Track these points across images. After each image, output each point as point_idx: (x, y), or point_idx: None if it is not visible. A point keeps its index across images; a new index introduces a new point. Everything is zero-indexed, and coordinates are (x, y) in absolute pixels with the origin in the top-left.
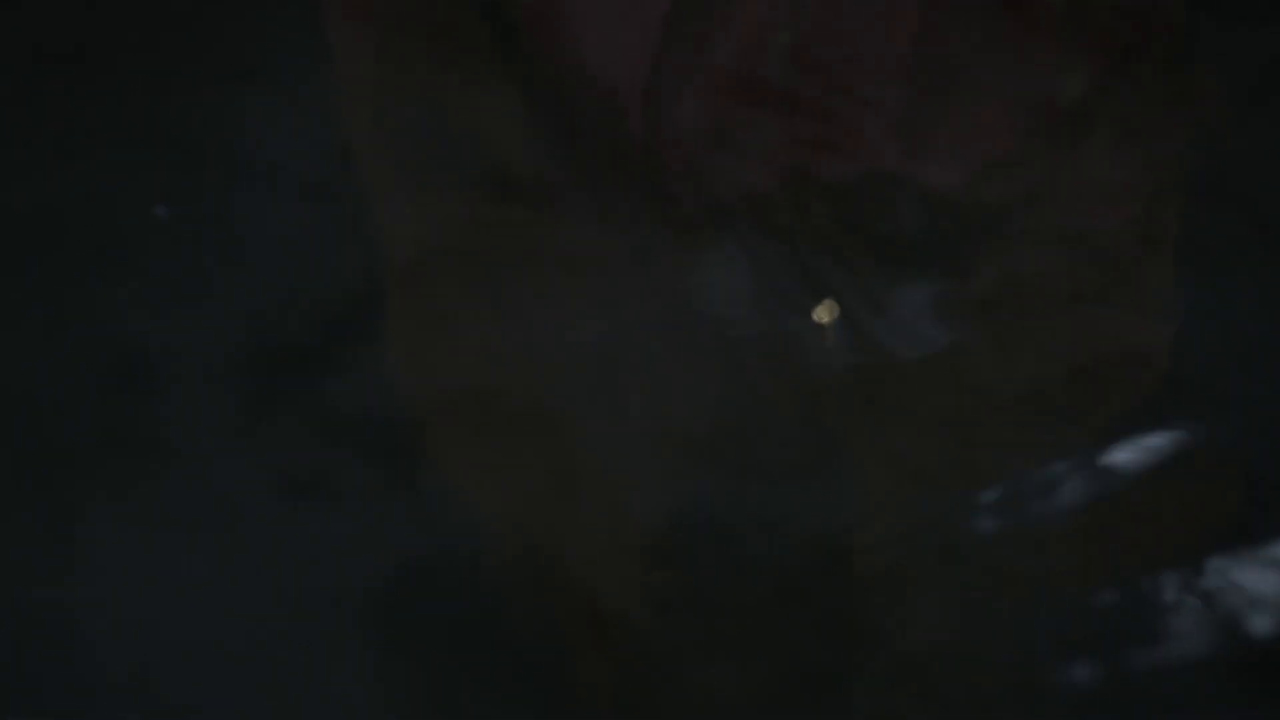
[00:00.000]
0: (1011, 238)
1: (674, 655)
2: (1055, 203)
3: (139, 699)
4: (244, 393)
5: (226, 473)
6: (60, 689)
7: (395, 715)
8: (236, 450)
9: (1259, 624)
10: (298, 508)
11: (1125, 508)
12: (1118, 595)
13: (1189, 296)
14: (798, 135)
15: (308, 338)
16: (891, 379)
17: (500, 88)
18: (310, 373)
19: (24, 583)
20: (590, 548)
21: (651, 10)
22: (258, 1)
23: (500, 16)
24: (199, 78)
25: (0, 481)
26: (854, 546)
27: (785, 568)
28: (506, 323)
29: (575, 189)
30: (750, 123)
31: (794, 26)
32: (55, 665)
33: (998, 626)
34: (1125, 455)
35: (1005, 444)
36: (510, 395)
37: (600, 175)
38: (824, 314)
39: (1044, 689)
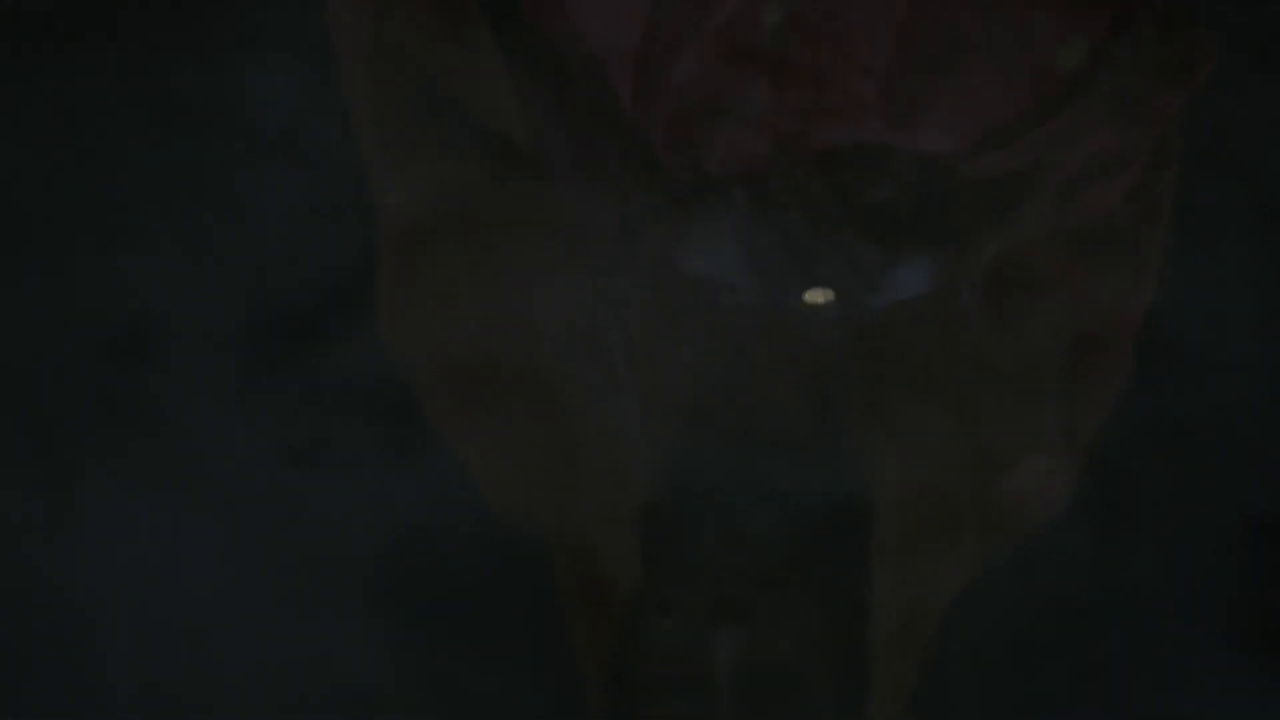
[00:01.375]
0: (1008, 207)
1: (673, 623)
2: (1052, 171)
3: (139, 665)
4: (244, 360)
5: (226, 440)
6: (59, 655)
7: (395, 680)
8: (236, 417)
9: (1263, 588)
10: (297, 475)
11: (1124, 475)
12: (1120, 561)
13: (1186, 264)
14: (792, 103)
15: (308, 305)
16: (890, 349)
17: (496, 56)
18: (310, 340)
19: (23, 549)
20: (589, 515)
21: None
22: None
23: None
24: (198, 45)
25: (0, 448)
26: (855, 516)
27: (785, 537)
28: (502, 291)
29: (569, 157)
30: (744, 91)
31: None
32: (54, 632)
33: (999, 593)
34: (1124, 424)
35: (1005, 414)
36: (507, 363)
37: (594, 143)
38: (818, 295)
39: (1045, 655)
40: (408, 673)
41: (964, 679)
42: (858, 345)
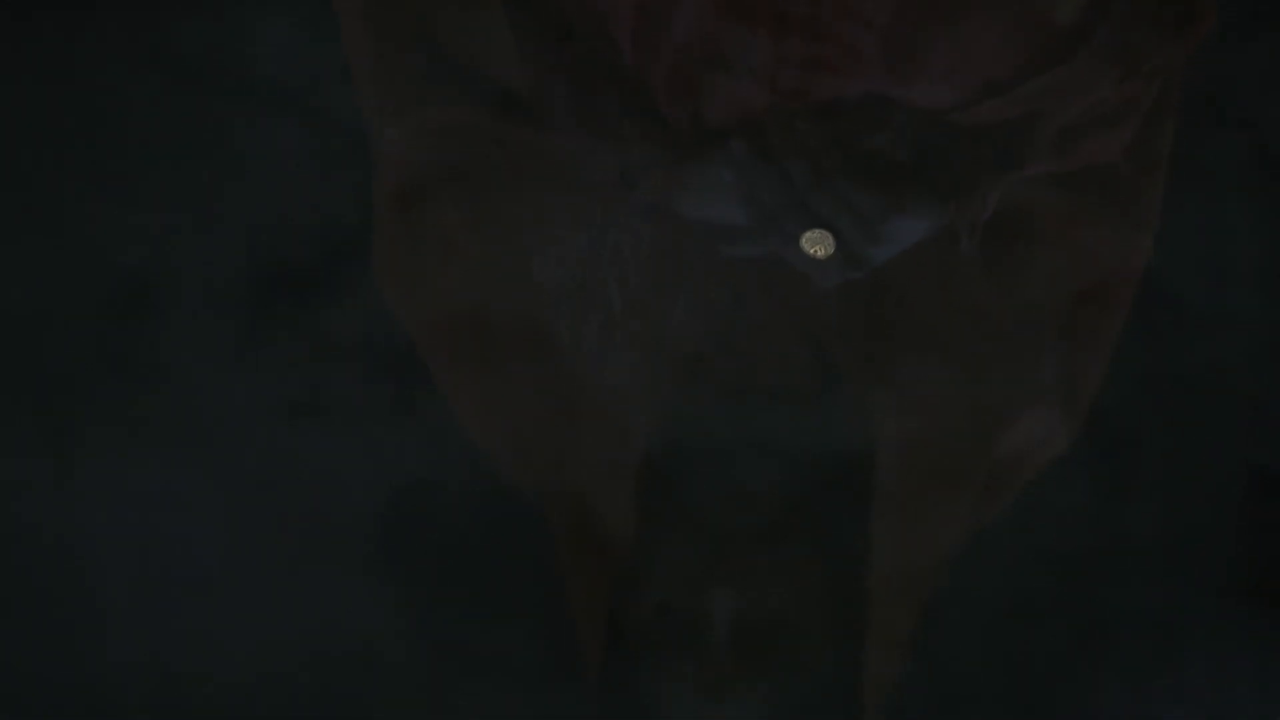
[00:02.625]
0: (1007, 159)
1: (670, 576)
2: (1051, 123)
3: (139, 619)
4: (244, 315)
5: (226, 395)
6: (61, 608)
7: (392, 634)
8: (236, 373)
9: (1261, 541)
10: (297, 430)
11: (1124, 429)
12: (1119, 514)
13: (1185, 217)
14: (791, 55)
15: (308, 260)
16: (889, 301)
17: (495, 6)
18: (310, 295)
19: (23, 504)
20: (586, 469)
21: None
22: None
23: None
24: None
25: (0, 403)
26: (853, 469)
27: (784, 489)
28: (500, 243)
29: (569, 108)
30: (744, 43)
31: None
32: (56, 584)
33: (999, 546)
34: (1124, 378)
35: (1003, 366)
36: (504, 316)
37: (594, 94)
38: (818, 247)
39: (1044, 607)
40: (405, 626)
41: (963, 631)
42: (857, 297)
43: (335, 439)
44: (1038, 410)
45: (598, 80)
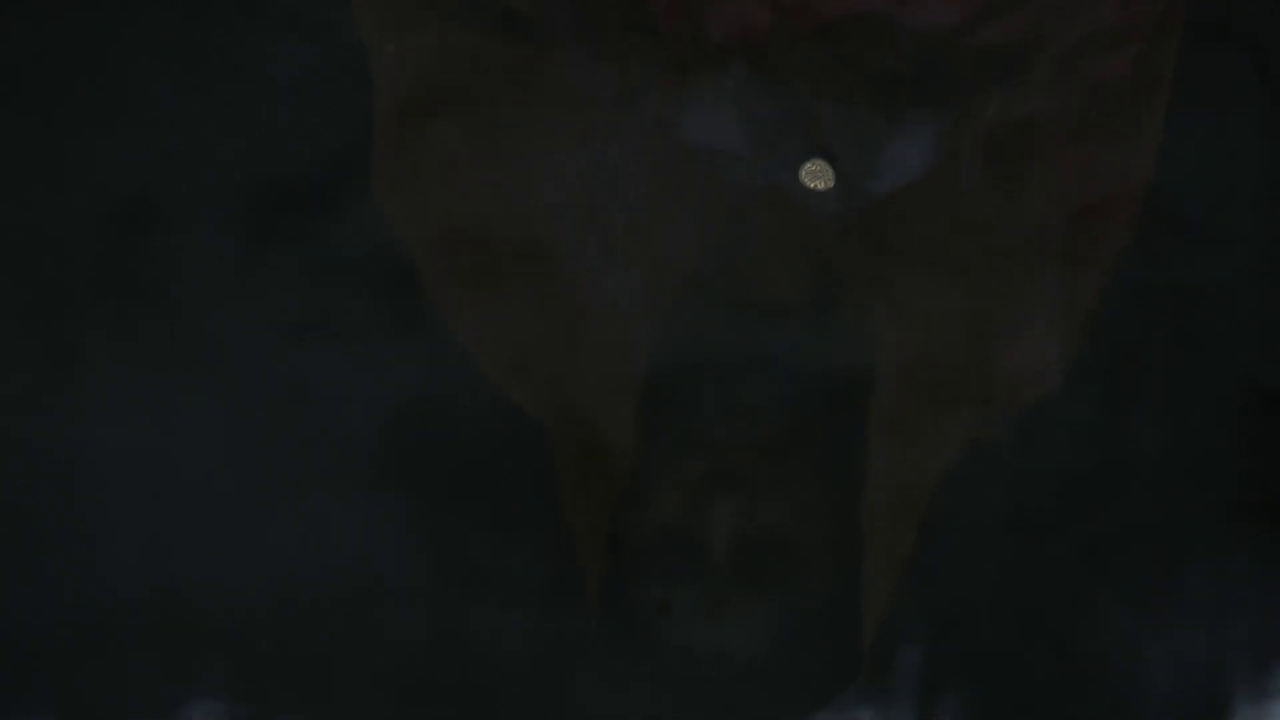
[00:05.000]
0: (1010, 78)
1: (671, 494)
2: (1054, 43)
3: (140, 535)
4: (245, 232)
5: (227, 312)
6: (59, 532)
7: (394, 550)
8: (237, 289)
9: (1265, 460)
10: (299, 346)
11: (1126, 347)
12: (1122, 433)
13: (1190, 136)
14: None
15: (310, 178)
16: (892, 220)
17: None
18: (313, 213)
19: (24, 424)
20: (586, 386)
21: None
22: None
23: None
24: None
25: (2, 319)
26: (853, 386)
27: (784, 407)
28: (500, 161)
29: (568, 24)
30: None
31: None
32: (56, 505)
33: (1000, 464)
34: (1127, 295)
35: (1005, 284)
36: (504, 234)
37: (594, 11)
38: (818, 182)
39: (1046, 526)
40: (406, 543)
41: (963, 548)
42: (858, 215)
43: (338, 356)
44: (1039, 328)
45: None
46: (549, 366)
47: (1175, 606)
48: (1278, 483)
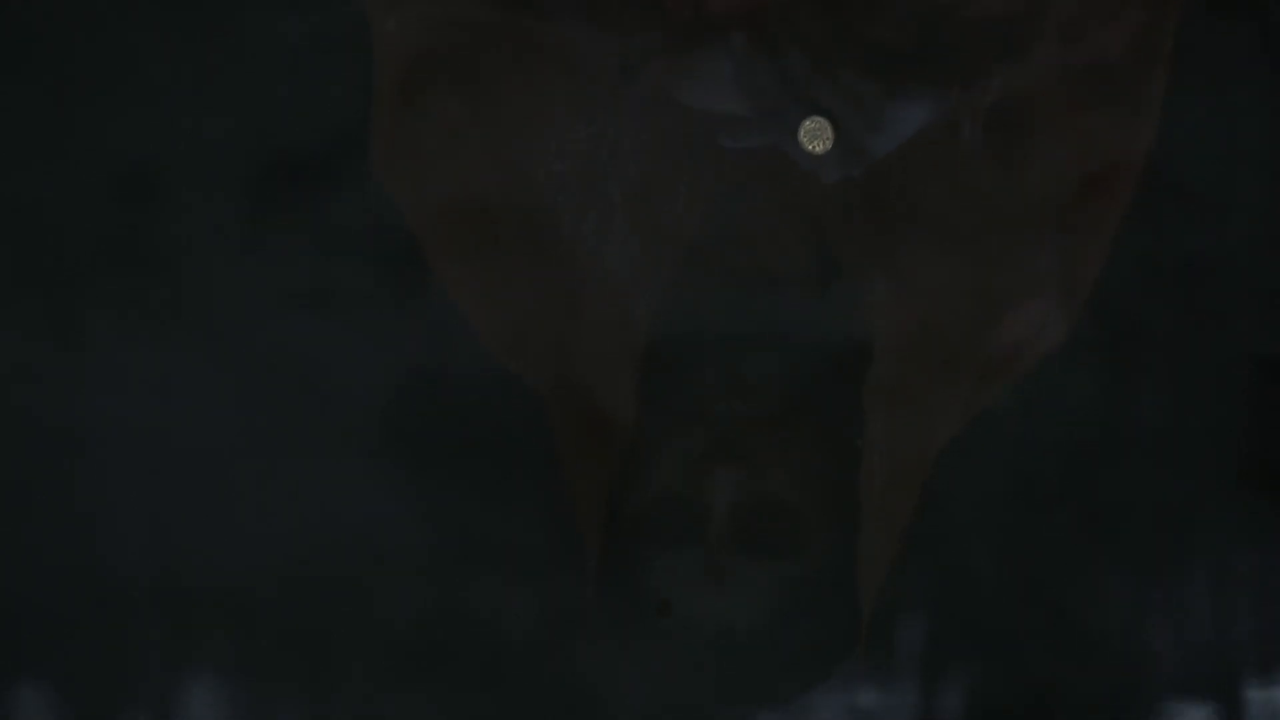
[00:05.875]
0: (1011, 47)
1: (670, 463)
2: (1055, 13)
3: (145, 503)
4: (249, 203)
5: (231, 282)
6: (66, 495)
7: (396, 519)
8: (241, 260)
9: (1266, 427)
10: (302, 317)
11: (1129, 316)
12: (1124, 401)
13: (1190, 104)
14: None
15: (313, 150)
16: (891, 189)
17: None
18: (316, 184)
19: (30, 390)
20: (587, 356)
21: None
22: None
23: None
24: None
25: (5, 292)
26: (853, 357)
27: (783, 377)
28: (501, 132)
29: None
30: None
31: None
32: (57, 477)
33: (1003, 433)
34: (1129, 265)
35: (1005, 254)
36: (505, 205)
37: None
38: (817, 142)
39: (1048, 494)
40: (408, 512)
41: (965, 518)
42: (858, 185)
43: (339, 328)
44: (1039, 297)
45: None
46: (549, 337)
47: (1177, 574)
48: (1278, 452)
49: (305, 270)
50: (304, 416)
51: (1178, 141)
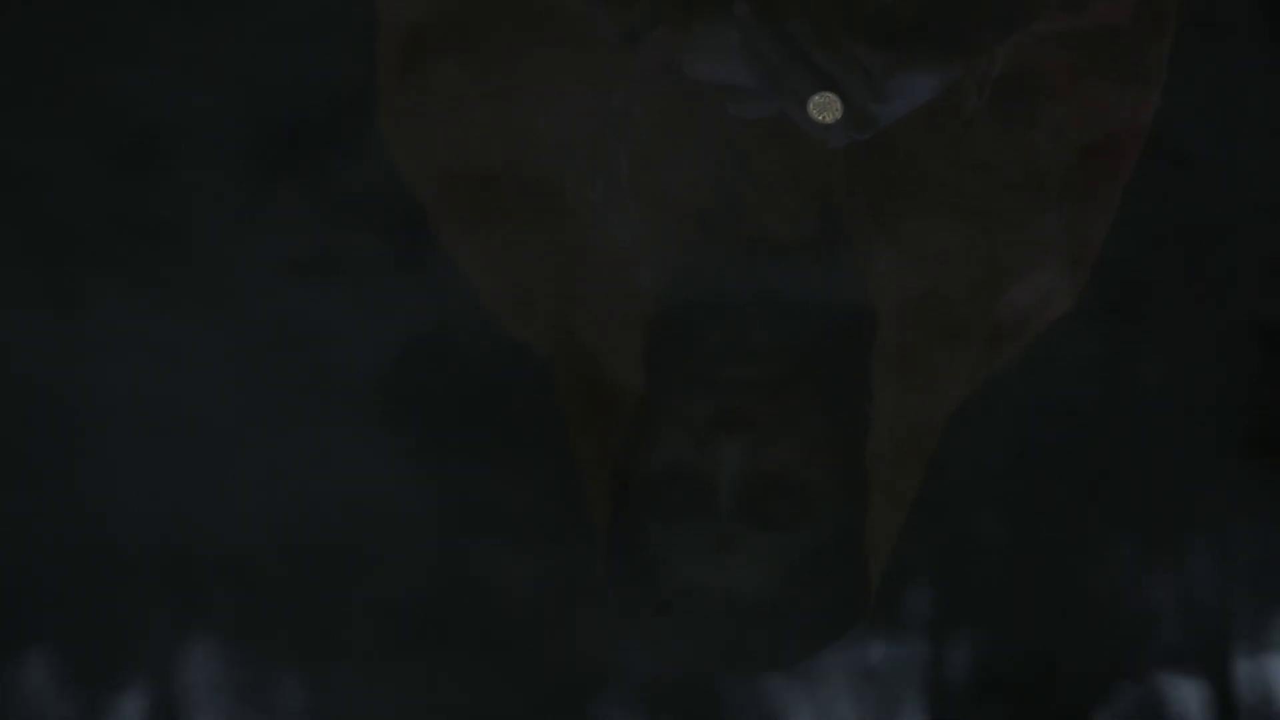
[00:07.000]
0: (1015, 15)
1: (676, 431)
2: None
3: (146, 472)
4: (251, 170)
5: (233, 250)
6: (65, 470)
7: (400, 487)
8: (243, 227)
9: (1269, 395)
10: (305, 284)
11: (1132, 284)
12: (1128, 368)
13: (1194, 72)
14: None
15: (315, 116)
16: (896, 157)
17: None
18: (317, 151)
19: (29, 361)
20: (593, 324)
21: None
22: None
23: None
24: None
25: (7, 261)
26: (859, 324)
27: (789, 345)
28: (506, 100)
29: None
30: None
31: None
32: (61, 442)
33: (1007, 401)
34: (1132, 232)
35: (1010, 222)
36: (511, 173)
37: None
38: (825, 114)
39: (1052, 461)
40: (413, 481)
41: (969, 485)
42: (864, 153)
43: (344, 293)
44: (1043, 266)
45: None
46: (555, 304)
47: (1180, 541)
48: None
49: (310, 238)
50: (308, 383)
51: (1182, 109)
